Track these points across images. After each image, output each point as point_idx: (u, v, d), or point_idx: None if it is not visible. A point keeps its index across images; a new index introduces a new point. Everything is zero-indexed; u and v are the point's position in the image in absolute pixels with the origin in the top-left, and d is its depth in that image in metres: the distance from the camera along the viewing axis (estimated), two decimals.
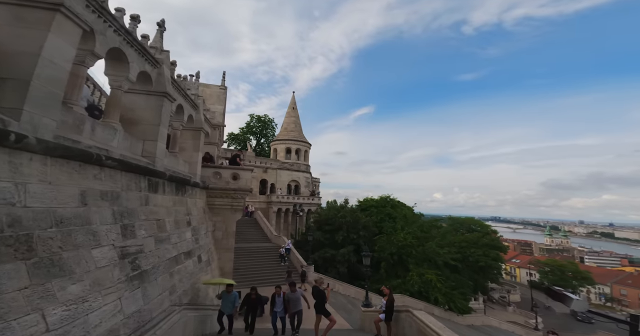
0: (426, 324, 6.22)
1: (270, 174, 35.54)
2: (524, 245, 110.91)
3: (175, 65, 8.58)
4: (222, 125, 13.71)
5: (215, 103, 14.59)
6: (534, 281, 55.30)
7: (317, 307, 7.40)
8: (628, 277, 60.74)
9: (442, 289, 22.13)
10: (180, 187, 7.81)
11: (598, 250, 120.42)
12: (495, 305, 36.03)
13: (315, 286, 7.53)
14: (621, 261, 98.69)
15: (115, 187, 4.44)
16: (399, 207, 33.14)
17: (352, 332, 10.85)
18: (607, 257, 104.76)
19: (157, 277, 5.30)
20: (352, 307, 16.38)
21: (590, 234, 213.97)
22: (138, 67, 5.92)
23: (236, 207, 11.18)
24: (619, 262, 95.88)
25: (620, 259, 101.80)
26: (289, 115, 42.36)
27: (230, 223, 11.11)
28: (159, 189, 6.19)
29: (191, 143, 9.76)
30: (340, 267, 24.36)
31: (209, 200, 10.71)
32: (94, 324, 3.43)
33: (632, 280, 59.17)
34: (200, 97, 10.58)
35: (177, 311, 5.72)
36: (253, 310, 7.37)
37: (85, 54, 4.46)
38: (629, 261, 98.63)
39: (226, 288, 7.01)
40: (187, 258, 7.50)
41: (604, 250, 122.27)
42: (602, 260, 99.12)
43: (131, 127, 6.04)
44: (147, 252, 5.10)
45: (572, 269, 54.05)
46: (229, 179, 11.00)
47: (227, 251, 10.95)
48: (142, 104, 6.44)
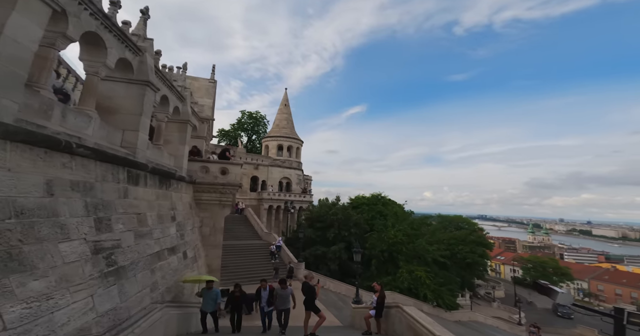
0: (416, 319, 6.19)
1: (262, 171, 35.12)
2: (508, 243, 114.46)
3: (160, 55, 8.22)
4: (211, 118, 13.31)
5: (204, 97, 14.16)
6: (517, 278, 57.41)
7: (307, 303, 7.26)
8: (605, 273, 63.63)
9: (431, 286, 22.44)
10: (165, 180, 7.50)
11: (577, 247, 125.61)
12: (481, 300, 37.01)
13: (306, 282, 7.39)
14: (598, 257, 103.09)
15: (88, 177, 4.15)
16: (390, 205, 33.38)
17: (342, 329, 10.80)
18: (585, 254, 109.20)
19: (136, 273, 5.04)
20: (343, 304, 16.39)
21: (569, 232, 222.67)
22: (117, 53, 5.59)
23: (225, 203, 10.91)
24: (596, 259, 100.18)
25: (597, 256, 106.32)
26: (281, 112, 41.90)
27: (218, 219, 10.84)
28: (140, 182, 5.89)
29: (177, 136, 9.41)
30: (331, 264, 24.37)
31: (196, 195, 10.40)
32: (60, 322, 3.18)
33: (608, 275, 62.04)
34: (187, 89, 10.21)
35: (158, 309, 5.48)
36: (238, 308, 7.06)
37: (56, 36, 4.15)
38: (605, 257, 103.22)
39: (206, 284, 6.64)
40: (171, 254, 7.23)
41: (582, 247, 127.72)
42: (580, 256, 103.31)
43: (109, 116, 5.71)
44: (125, 247, 4.83)
45: (552, 265, 56.53)
46: (218, 174, 10.70)
47: (215, 247, 10.69)
48: (122, 93, 6.10)
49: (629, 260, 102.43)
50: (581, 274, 62.47)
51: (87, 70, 5.12)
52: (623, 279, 59.43)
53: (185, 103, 9.79)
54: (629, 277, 59.85)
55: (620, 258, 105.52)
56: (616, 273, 63.43)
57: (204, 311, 6.60)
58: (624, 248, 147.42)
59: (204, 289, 6.58)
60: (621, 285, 58.09)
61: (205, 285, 6.49)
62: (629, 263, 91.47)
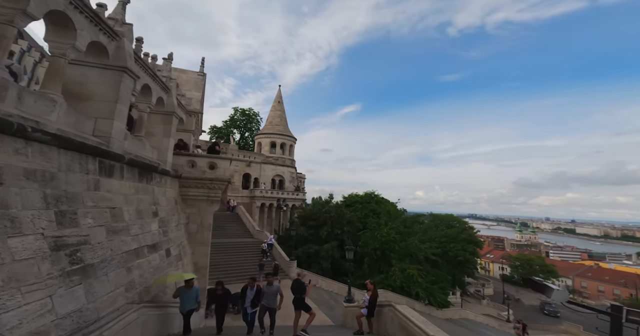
0: (408, 318, 6.00)
1: (254, 168, 34.59)
2: (497, 241, 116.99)
3: (141, 42, 7.77)
4: (199, 112, 12.84)
5: (192, 90, 13.65)
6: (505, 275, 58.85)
7: (297, 302, 6.95)
8: (588, 270, 65.63)
9: (423, 284, 22.50)
10: (146, 173, 7.08)
11: (561, 245, 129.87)
12: (471, 298, 37.54)
13: (297, 279, 7.11)
14: (581, 255, 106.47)
15: (49, 166, 3.75)
16: (383, 203, 33.38)
17: (333, 328, 10.61)
18: (569, 252, 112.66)
19: (108, 272, 4.67)
20: (335, 303, 16.23)
21: (554, 230, 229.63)
22: (89, 36, 5.17)
23: (213, 198, 10.51)
24: (580, 256, 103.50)
25: (580, 253, 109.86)
26: (274, 109, 41.35)
27: (206, 215, 10.43)
28: (115, 174, 5.48)
29: (161, 129, 8.96)
30: (323, 263, 24.19)
31: (182, 190, 9.97)
32: (10, 325, 2.82)
33: (591, 273, 64.03)
34: (172, 79, 9.75)
35: (134, 310, 5.12)
36: (220, 307, 6.63)
37: (15, 13, 3.74)
38: (588, 255, 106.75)
39: (185, 283, 6.04)
40: (152, 251, 6.84)
41: (566, 245, 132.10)
42: (565, 254, 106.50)
43: (81, 103, 5.28)
44: (95, 243, 4.45)
45: (539, 263, 58.44)
46: (205, 168, 10.28)
47: (202, 245, 10.29)
48: (96, 79, 5.67)
49: (611, 257, 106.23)
50: (566, 271, 64.35)
51: (52, 52, 4.69)
52: (606, 276, 61.46)
53: (171, 95, 9.34)
54: (611, 274, 61.92)
55: (603, 255, 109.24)
56: (599, 271, 65.46)
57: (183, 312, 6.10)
58: (606, 246, 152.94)
59: (181, 288, 6.04)
60: (604, 282, 60.09)
61: (185, 283, 5.96)
62: (610, 261, 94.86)
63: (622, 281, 56.36)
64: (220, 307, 6.45)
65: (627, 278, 55.34)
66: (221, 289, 6.58)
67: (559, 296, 3.37)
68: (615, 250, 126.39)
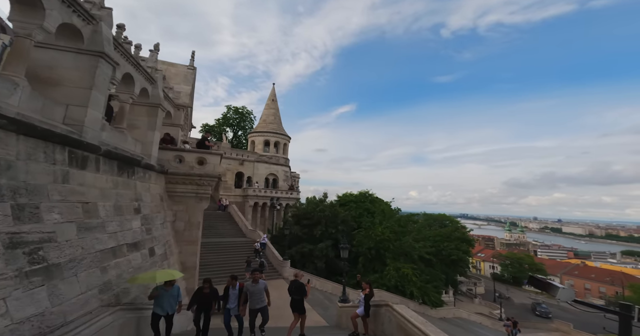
0: (407, 319, 5.75)
1: (247, 167, 34.03)
2: (487, 240, 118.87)
3: (123, 29, 7.31)
4: (188, 106, 12.36)
5: (181, 83, 13.17)
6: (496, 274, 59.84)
7: (296, 304, 6.56)
8: (575, 268, 67.11)
9: (417, 283, 22.45)
10: (126, 167, 6.64)
11: (549, 244, 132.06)
12: (463, 297, 37.83)
13: (295, 280, 6.71)
14: (568, 254, 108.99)
15: (4, 153, 3.34)
16: (378, 203, 33.28)
17: (328, 329, 10.31)
18: (556, 250, 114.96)
19: (77, 272, 4.26)
20: (329, 303, 15.94)
21: (542, 229, 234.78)
22: (60, 17, 4.74)
23: (202, 195, 10.09)
24: (566, 255, 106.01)
25: (567, 252, 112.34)
26: (268, 107, 40.82)
27: (194, 213, 10.01)
28: (89, 166, 5.05)
29: (146, 121, 8.51)
30: (317, 262, 23.90)
31: (168, 186, 9.53)
32: None
33: (578, 271, 65.54)
34: (158, 71, 9.29)
35: (109, 313, 4.72)
36: (206, 307, 5.88)
37: None
38: (574, 254, 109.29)
39: (164, 285, 5.34)
40: (133, 250, 6.42)
41: (553, 243, 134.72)
42: (552, 252, 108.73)
43: (50, 88, 4.84)
44: (62, 241, 4.04)
45: (528, 262, 59.78)
46: (194, 164, 9.86)
47: (190, 244, 9.87)
48: (69, 63, 5.23)
49: (596, 256, 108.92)
50: (553, 270, 65.74)
51: (17, 32, 4.26)
52: (592, 274, 62.99)
53: (156, 86, 8.89)
54: (597, 272, 63.48)
55: (588, 254, 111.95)
56: (585, 269, 67.02)
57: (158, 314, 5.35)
58: (590, 244, 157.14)
59: (160, 287, 5.35)
60: (590, 280, 61.61)
61: (164, 284, 5.31)
62: (595, 259, 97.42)
63: (607, 279, 57.91)
64: (207, 308, 5.81)
65: (613, 276, 56.89)
66: (208, 287, 5.87)
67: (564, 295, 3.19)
68: (600, 249, 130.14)
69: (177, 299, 5.46)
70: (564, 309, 43.68)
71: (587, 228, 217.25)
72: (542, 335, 22.67)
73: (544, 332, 23.70)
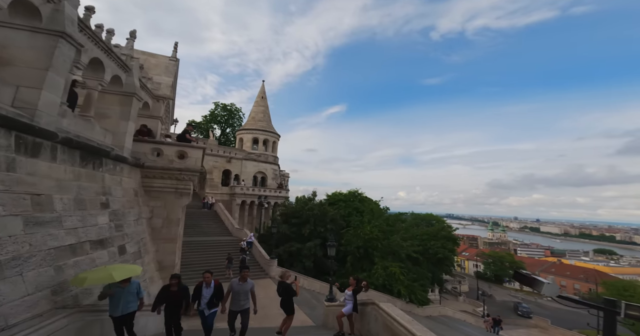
0: (393, 317, 5.57)
1: (235, 164, 33.26)
2: (471, 240, 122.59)
3: (92, 11, 6.76)
4: (169, 98, 11.76)
5: (162, 74, 12.54)
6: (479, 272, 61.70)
7: (283, 305, 6.27)
8: (552, 266, 70.18)
9: (404, 281, 22.56)
10: (92, 158, 6.12)
11: (528, 242, 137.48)
12: (448, 295, 38.60)
13: (282, 281, 6.39)
14: (545, 252, 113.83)
15: None
16: (367, 202, 33.38)
17: (314, 329, 10.04)
18: (534, 249, 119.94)
19: (23, 271, 3.79)
20: (317, 302, 15.71)
21: (522, 229, 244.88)
22: None
23: (182, 191, 9.59)
24: (543, 253, 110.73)
25: (544, 250, 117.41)
26: (257, 105, 40.09)
27: (173, 209, 9.49)
28: (43, 154, 4.56)
29: (119, 111, 7.94)
30: (306, 261, 23.61)
31: (145, 180, 8.98)
32: None
33: (555, 268, 68.61)
34: (135, 58, 8.72)
35: (62, 315, 4.27)
36: (175, 308, 5.15)
37: None
38: (550, 252, 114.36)
39: (119, 282, 4.55)
40: (98, 248, 5.92)
41: (532, 242, 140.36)
42: (530, 251, 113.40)
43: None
44: (4, 236, 3.58)
45: (509, 260, 62.18)
46: (174, 157, 9.34)
47: (169, 242, 9.35)
48: (22, 43, 4.70)
49: (570, 254, 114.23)
50: (532, 267, 68.46)
51: None
52: (567, 271, 66.06)
53: (131, 75, 8.33)
54: (572, 270, 66.60)
55: (563, 252, 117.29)
56: (561, 266, 70.16)
57: (116, 317, 4.67)
58: (565, 243, 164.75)
59: (114, 286, 4.62)
60: (565, 277, 64.62)
61: (120, 282, 4.55)
62: (570, 257, 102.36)
63: (581, 276, 60.97)
64: (174, 309, 5.09)
65: (587, 274, 59.95)
66: (176, 284, 5.11)
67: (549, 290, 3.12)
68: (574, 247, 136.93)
69: (136, 296, 4.83)
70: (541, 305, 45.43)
71: (562, 228, 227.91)
72: (522, 331, 23.36)
73: (523, 328, 24.45)
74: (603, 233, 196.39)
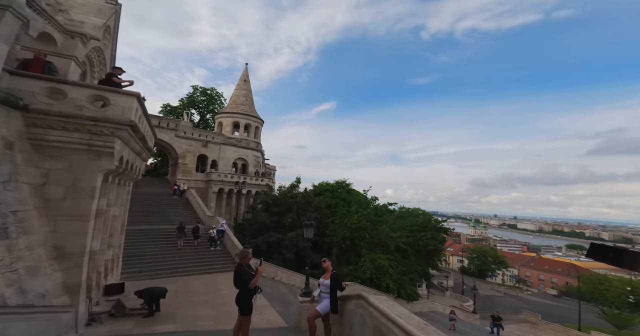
0: (393, 320, 3.31)
1: (212, 149, 30.09)
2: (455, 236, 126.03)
3: None
4: (96, 38, 8.84)
5: (89, 14, 9.63)
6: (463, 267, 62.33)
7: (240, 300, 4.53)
8: (531, 261, 72.12)
9: (393, 275, 20.93)
10: None
11: (507, 239, 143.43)
12: (435, 290, 37.66)
13: (240, 264, 4.68)
14: (522, 247, 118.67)
15: None
16: (355, 193, 31.68)
17: (282, 331, 7.87)
18: (512, 245, 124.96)
19: None
20: (293, 298, 13.36)
21: (501, 225, 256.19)
22: None
23: (101, 150, 6.80)
24: (521, 249, 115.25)
25: (521, 246, 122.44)
26: (239, 88, 36.80)
27: (84, 173, 6.70)
28: None
29: None
30: (286, 253, 21.27)
31: (32, 130, 6.13)
32: None
33: (534, 263, 70.61)
34: None
35: None
36: None
37: None
38: (527, 247, 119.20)
39: None
40: None
41: (510, 238, 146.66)
42: (509, 246, 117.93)
43: None
44: None
45: (492, 255, 63.41)
46: (85, 104, 6.52)
47: (75, 219, 6.57)
48: None
49: (545, 249, 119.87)
50: (513, 262, 70.12)
51: None
52: (545, 266, 68.06)
53: None
54: (550, 264, 68.70)
55: (538, 247, 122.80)
56: (540, 261, 72.25)
57: None
58: (539, 239, 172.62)
59: None
60: (544, 271, 66.48)
61: None
62: (545, 252, 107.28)
63: (559, 270, 62.88)
64: None
65: (564, 268, 61.83)
66: None
67: None
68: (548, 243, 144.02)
69: None
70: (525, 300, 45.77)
71: (537, 225, 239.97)
72: (512, 326, 22.31)
73: (513, 323, 23.48)
74: (574, 230, 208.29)
